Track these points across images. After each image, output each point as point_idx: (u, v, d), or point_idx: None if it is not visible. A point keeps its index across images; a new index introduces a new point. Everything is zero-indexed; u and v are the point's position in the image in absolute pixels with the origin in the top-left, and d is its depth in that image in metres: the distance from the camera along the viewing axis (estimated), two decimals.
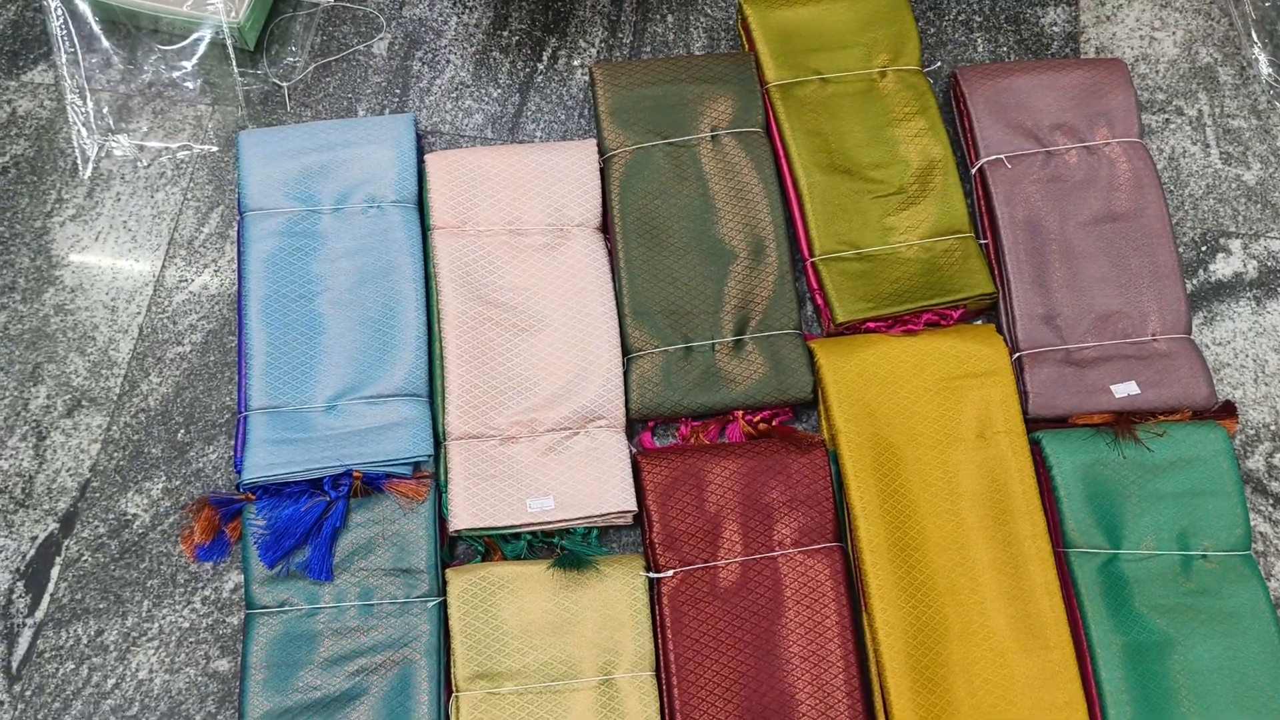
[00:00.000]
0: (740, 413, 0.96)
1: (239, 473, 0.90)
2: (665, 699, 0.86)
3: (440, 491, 0.92)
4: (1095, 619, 0.86)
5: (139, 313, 1.01)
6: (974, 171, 1.03)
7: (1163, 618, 0.86)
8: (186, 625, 0.91)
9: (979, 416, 0.93)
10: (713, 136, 1.04)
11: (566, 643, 0.86)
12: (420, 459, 0.92)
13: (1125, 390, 0.94)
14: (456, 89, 1.11)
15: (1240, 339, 0.99)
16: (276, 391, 0.94)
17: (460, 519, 0.89)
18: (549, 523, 0.90)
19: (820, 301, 0.99)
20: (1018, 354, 0.96)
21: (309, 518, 0.88)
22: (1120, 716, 0.83)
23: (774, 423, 0.96)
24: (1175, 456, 0.91)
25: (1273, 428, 0.96)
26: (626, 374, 0.96)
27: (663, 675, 0.86)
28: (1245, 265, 1.02)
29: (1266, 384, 0.98)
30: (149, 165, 1.07)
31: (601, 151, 1.04)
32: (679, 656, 0.86)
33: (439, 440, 0.94)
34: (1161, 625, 0.86)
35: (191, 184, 1.07)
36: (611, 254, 1.01)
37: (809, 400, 0.96)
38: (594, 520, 0.91)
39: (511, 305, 0.98)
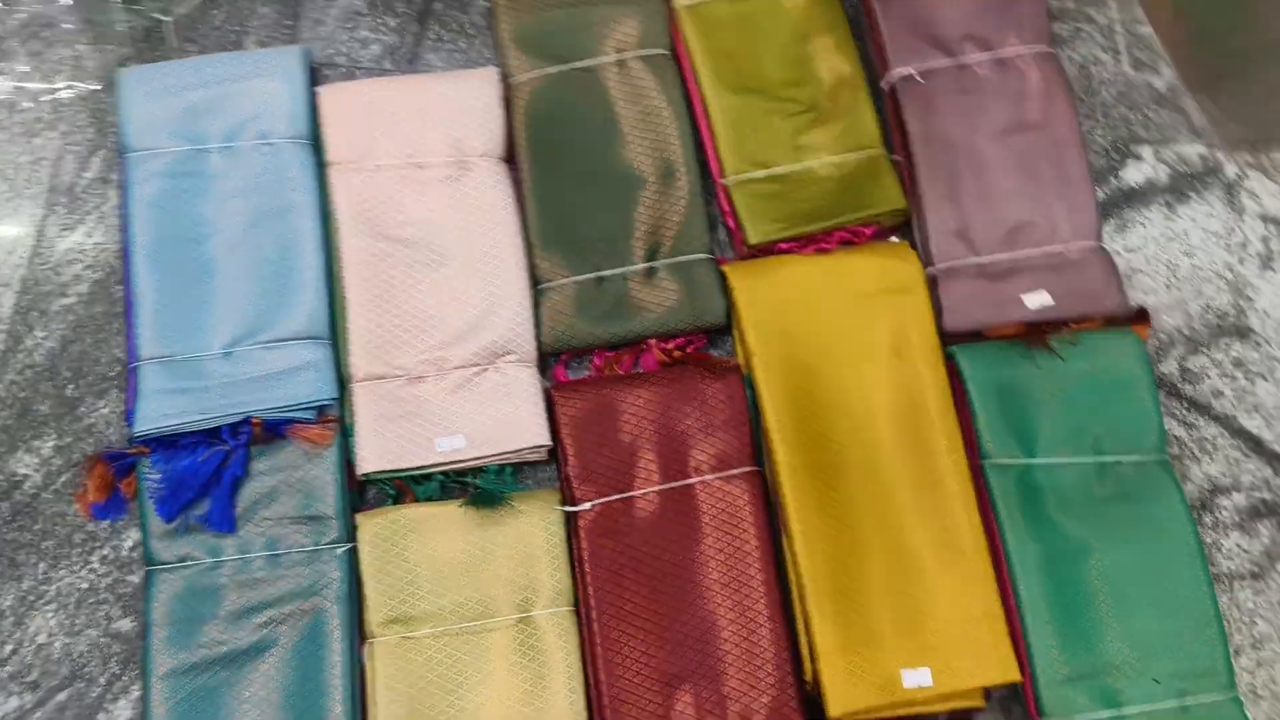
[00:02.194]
0: (654, 341, 0.94)
1: (130, 425, 0.86)
2: (585, 633, 0.84)
3: (346, 435, 0.89)
4: (1012, 529, 0.86)
5: (20, 265, 0.96)
6: (885, 86, 1.01)
7: (1079, 524, 0.86)
8: (85, 586, 0.87)
9: (894, 333, 0.92)
10: (619, 60, 1.00)
11: (482, 582, 0.84)
12: (324, 403, 0.89)
13: (1038, 301, 0.93)
14: (351, 18, 1.06)
15: (1152, 245, 0.99)
16: (168, 340, 0.89)
17: (367, 462, 0.87)
18: (460, 462, 0.88)
19: (732, 224, 0.97)
20: (932, 269, 0.95)
21: (206, 468, 0.85)
22: (1038, 623, 0.83)
23: (689, 349, 0.94)
24: (1089, 364, 0.91)
25: (1185, 332, 0.97)
26: (536, 306, 0.93)
27: (582, 609, 0.85)
28: (1157, 171, 1.01)
29: (1178, 289, 0.98)
30: (24, 110, 1.01)
31: (504, 79, 1.00)
32: (598, 589, 0.84)
33: (344, 383, 0.91)
34: (1078, 532, 0.86)
35: (71, 128, 1.01)
36: (517, 184, 0.97)
37: (724, 325, 0.94)
38: (507, 457, 0.89)
39: (414, 241, 0.94)
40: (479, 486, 0.88)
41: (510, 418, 0.89)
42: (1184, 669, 0.83)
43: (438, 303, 0.92)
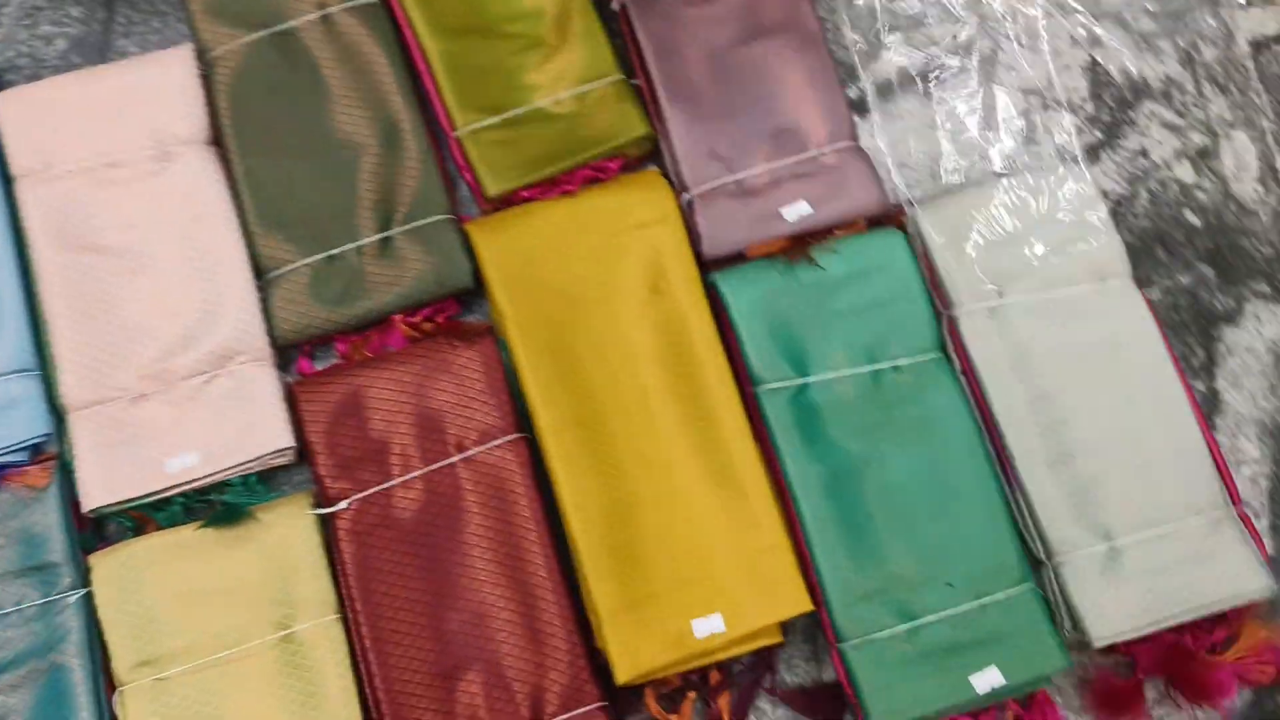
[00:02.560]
0: (399, 316, 0.87)
1: None
2: (355, 639, 0.78)
3: (68, 471, 0.81)
4: (790, 454, 0.82)
5: None
6: (615, 6, 0.95)
7: (859, 439, 0.83)
8: None
9: (650, 269, 0.86)
10: (323, 16, 0.92)
11: (235, 606, 0.78)
12: (38, 440, 0.81)
13: (797, 212, 0.88)
14: (29, 14, 0.96)
15: (912, 136, 0.95)
16: None
17: (91, 497, 0.79)
18: (195, 480, 0.81)
19: (470, 178, 0.90)
20: (687, 194, 0.90)
21: None
22: (825, 547, 0.80)
23: (439, 319, 0.88)
24: (853, 269, 0.86)
25: None
26: (265, 298, 0.86)
27: (349, 615, 0.79)
28: (910, 58, 0.97)
29: (945, 177, 0.94)
30: None
31: (200, 55, 0.91)
32: (363, 592, 0.79)
33: (61, 414, 0.83)
34: (859, 446, 0.83)
35: None
36: (227, 168, 0.89)
37: (473, 288, 0.88)
38: (250, 466, 0.82)
39: (117, 248, 0.86)
40: (225, 503, 0.81)
41: (248, 423, 0.82)
42: (977, 569, 0.80)
43: (151, 311, 0.84)
